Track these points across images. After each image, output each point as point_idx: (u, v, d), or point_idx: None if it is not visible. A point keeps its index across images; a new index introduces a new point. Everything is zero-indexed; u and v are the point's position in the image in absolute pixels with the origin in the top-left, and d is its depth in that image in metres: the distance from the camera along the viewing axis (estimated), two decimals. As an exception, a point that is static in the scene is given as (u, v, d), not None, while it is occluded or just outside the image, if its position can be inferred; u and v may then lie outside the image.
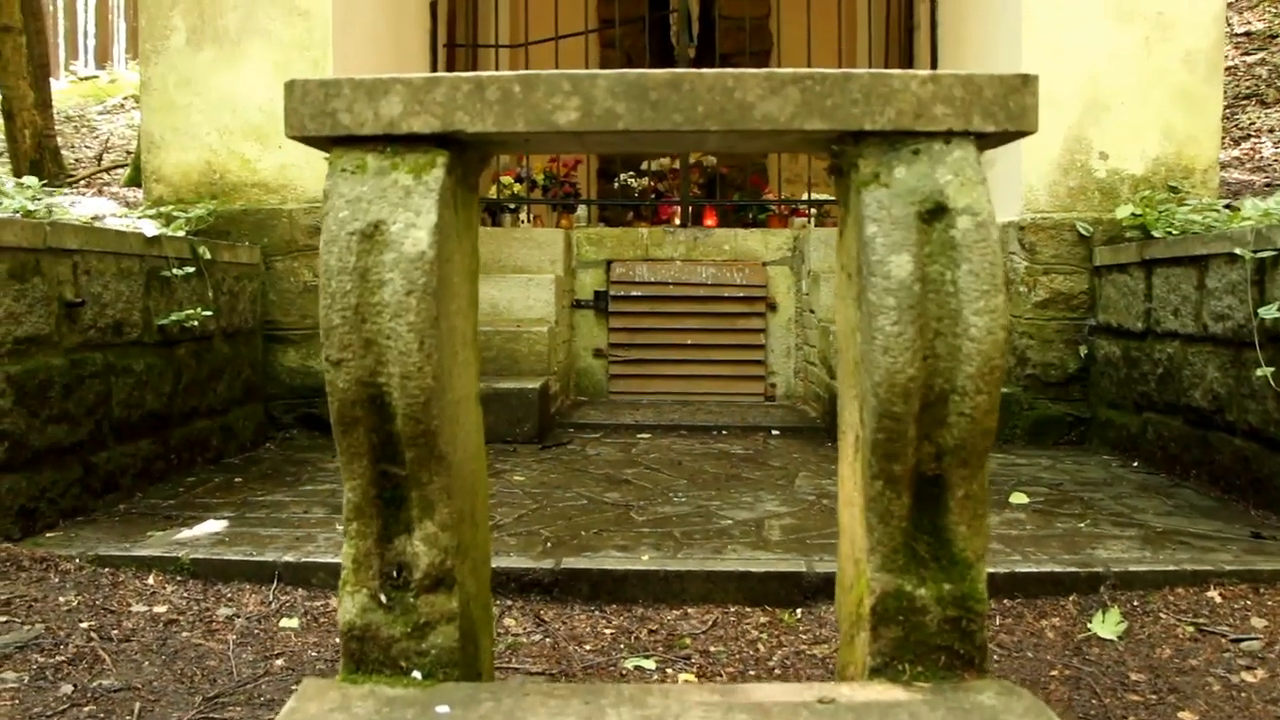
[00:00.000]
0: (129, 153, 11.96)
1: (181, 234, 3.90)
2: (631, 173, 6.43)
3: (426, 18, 5.93)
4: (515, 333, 4.84)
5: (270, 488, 3.63)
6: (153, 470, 3.65)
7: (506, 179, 5.98)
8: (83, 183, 8.97)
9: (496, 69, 7.08)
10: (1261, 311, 3.26)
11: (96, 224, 3.45)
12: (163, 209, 4.26)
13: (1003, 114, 1.47)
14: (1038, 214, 4.52)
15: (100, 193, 8.60)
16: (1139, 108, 4.52)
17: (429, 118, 1.48)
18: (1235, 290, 3.48)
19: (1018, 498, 3.51)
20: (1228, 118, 9.05)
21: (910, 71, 1.48)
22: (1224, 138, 8.57)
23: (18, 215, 3.23)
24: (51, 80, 16.09)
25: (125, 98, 13.96)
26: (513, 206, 5.97)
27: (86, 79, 17.95)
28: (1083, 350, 4.51)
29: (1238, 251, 3.39)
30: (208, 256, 3.93)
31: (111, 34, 25.36)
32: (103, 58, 24.25)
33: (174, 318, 3.70)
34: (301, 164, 4.48)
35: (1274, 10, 11.36)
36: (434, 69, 5.93)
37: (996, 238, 1.42)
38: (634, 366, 5.65)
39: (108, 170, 9.27)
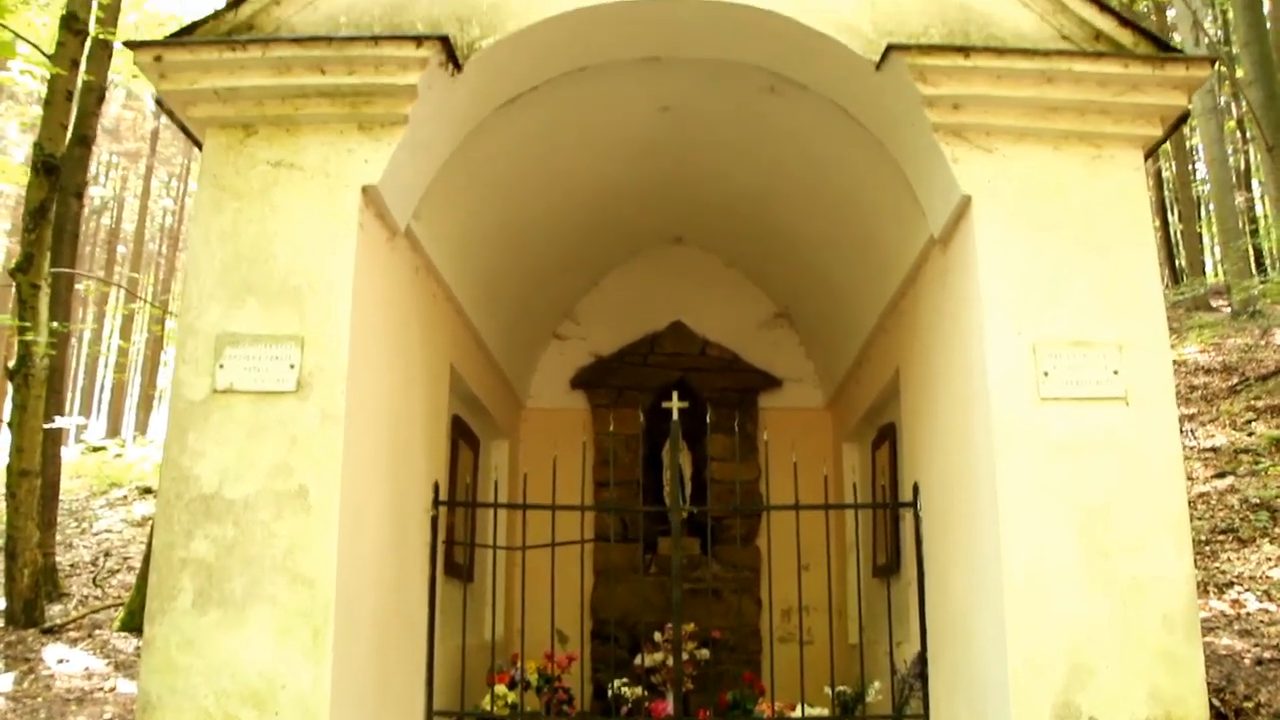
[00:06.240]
0: (125, 559, 12.09)
1: None
2: (625, 679, 6.44)
3: (426, 543, 6.15)
4: None
5: None
6: None
7: (500, 688, 5.96)
8: (71, 627, 8.95)
9: (495, 542, 7.27)
10: None
11: None
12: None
13: None
14: (1034, 788, 4.46)
15: (91, 636, 8.56)
16: (1124, 670, 4.58)
17: None
18: None
19: None
20: (1209, 555, 9.21)
21: None
22: (1206, 584, 8.69)
23: None
24: (62, 449, 16.53)
25: (125, 490, 14.33)
26: None
27: (97, 449, 18.47)
28: None
29: None
30: None
31: (126, 395, 26.38)
32: (113, 429, 25.10)
33: None
34: (295, 736, 4.46)
35: (1233, 427, 11.87)
36: (432, 584, 6.06)
37: None
38: None
39: (98, 611, 9.30)
